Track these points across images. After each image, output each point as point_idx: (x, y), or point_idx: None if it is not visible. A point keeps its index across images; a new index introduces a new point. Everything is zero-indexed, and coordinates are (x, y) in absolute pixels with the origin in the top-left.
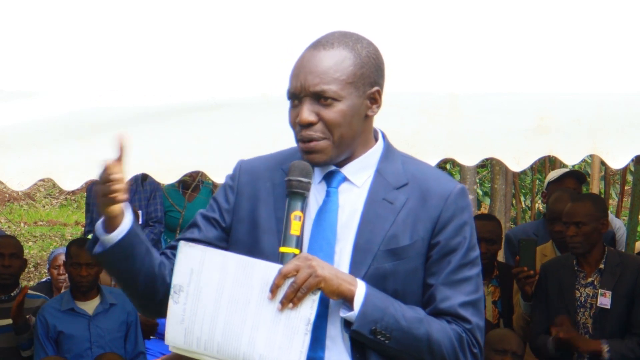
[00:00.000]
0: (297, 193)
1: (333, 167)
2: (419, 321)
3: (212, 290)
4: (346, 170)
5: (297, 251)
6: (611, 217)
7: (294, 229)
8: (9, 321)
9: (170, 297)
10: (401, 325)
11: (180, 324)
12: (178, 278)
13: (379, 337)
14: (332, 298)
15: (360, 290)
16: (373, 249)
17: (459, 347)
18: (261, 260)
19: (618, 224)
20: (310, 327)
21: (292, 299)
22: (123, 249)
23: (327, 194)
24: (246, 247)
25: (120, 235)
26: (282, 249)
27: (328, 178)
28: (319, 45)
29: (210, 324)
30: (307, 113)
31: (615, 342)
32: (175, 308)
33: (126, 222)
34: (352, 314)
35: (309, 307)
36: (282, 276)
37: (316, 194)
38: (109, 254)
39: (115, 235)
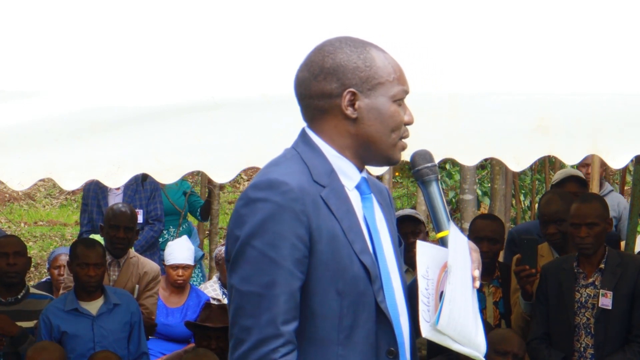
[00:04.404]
0: (431, 179)
1: (364, 174)
2: None
3: (460, 272)
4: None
5: (448, 232)
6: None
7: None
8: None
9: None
10: None
11: (449, 303)
12: (450, 259)
13: None
14: None
15: None
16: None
17: None
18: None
19: (624, 203)
20: None
21: None
22: None
23: (366, 200)
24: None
25: None
26: (441, 234)
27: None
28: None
29: (455, 305)
30: None
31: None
32: (447, 288)
33: None
34: None
35: None
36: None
37: (356, 200)
38: None
39: None
